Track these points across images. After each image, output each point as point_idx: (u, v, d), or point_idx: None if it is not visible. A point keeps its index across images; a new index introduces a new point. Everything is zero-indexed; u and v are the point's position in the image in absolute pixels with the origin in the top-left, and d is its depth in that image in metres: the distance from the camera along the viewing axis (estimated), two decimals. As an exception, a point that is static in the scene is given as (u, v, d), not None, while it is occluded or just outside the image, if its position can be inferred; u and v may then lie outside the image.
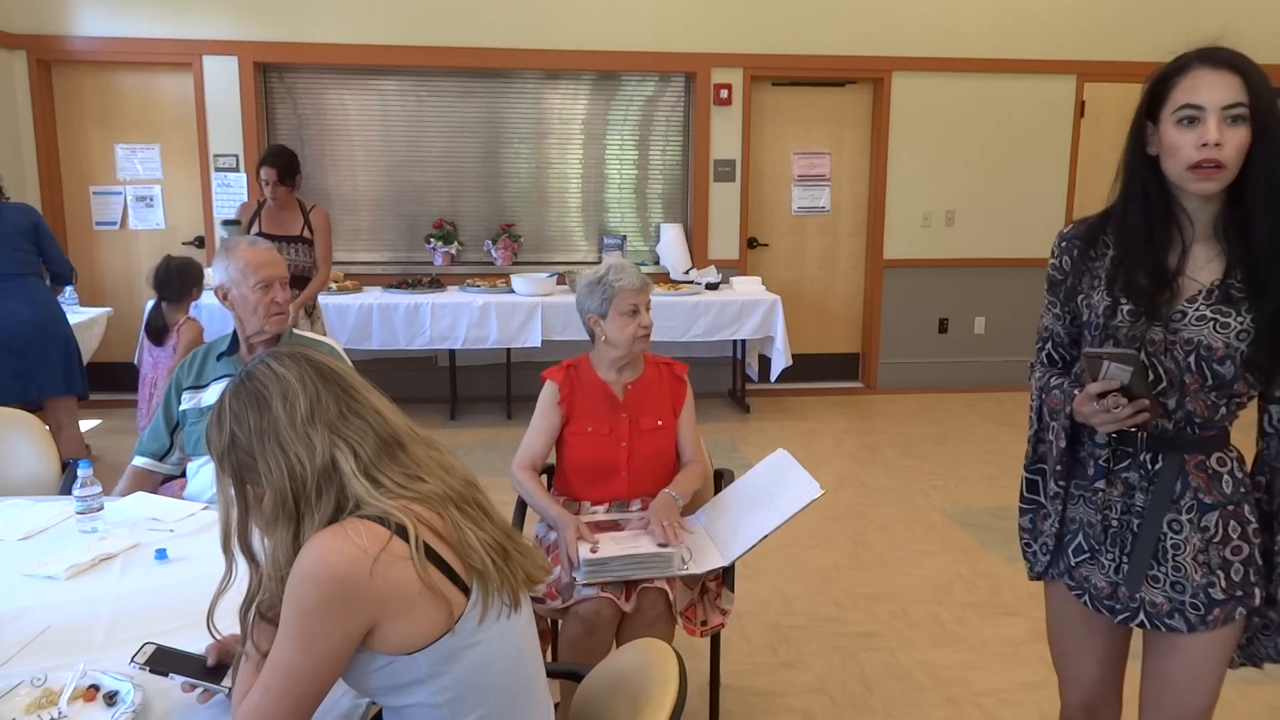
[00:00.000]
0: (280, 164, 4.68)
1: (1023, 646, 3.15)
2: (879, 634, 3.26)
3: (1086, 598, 1.70)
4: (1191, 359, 1.55)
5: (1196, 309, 1.55)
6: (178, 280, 4.06)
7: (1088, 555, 1.69)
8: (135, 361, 4.49)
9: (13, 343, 4.05)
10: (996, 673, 2.99)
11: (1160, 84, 1.55)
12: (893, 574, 3.75)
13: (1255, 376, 1.55)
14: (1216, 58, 1.49)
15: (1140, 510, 1.62)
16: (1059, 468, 1.70)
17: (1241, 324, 1.52)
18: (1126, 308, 1.58)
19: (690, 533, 2.46)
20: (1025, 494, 1.79)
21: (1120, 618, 1.67)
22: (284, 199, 4.75)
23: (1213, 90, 1.48)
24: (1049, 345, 1.75)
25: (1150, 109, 1.56)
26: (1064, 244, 1.69)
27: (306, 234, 4.81)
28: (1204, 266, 1.57)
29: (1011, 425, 5.92)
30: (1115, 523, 1.65)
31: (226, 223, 4.69)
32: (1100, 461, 1.66)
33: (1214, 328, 1.53)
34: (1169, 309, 1.56)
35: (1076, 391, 1.61)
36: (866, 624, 3.33)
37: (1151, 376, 1.56)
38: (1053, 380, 1.70)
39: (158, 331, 4.03)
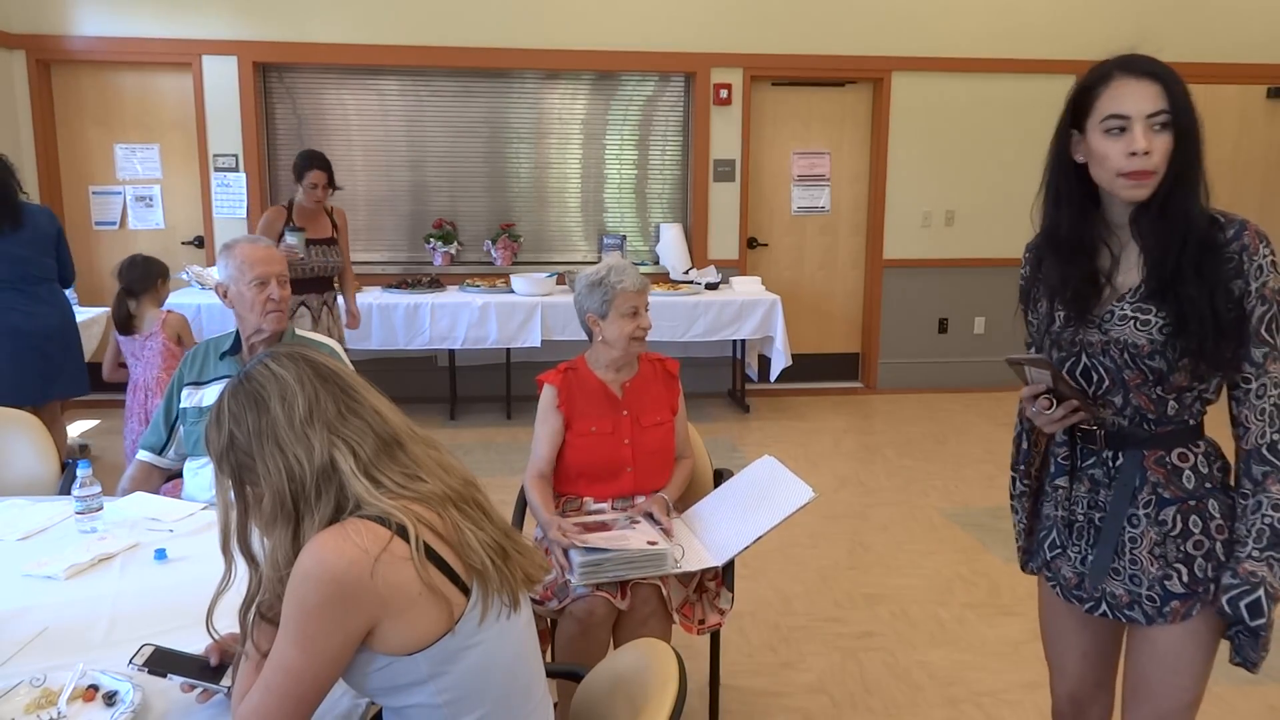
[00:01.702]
0: (329, 169, 4.76)
1: (1022, 646, 3.15)
2: (879, 634, 3.26)
3: (1058, 588, 1.77)
4: (1126, 356, 1.59)
5: (1121, 308, 1.59)
6: (142, 271, 4.07)
7: (1060, 550, 1.76)
8: (104, 375, 4.29)
9: (44, 345, 4.18)
10: (996, 673, 2.99)
11: (1084, 94, 1.59)
12: (892, 574, 3.75)
13: (1193, 369, 1.57)
14: (1136, 66, 1.54)
15: (1104, 504, 1.67)
16: (1021, 467, 1.83)
17: (1163, 319, 1.55)
18: (1061, 314, 1.65)
19: (686, 530, 2.47)
20: (1011, 492, 1.88)
21: (1086, 607, 1.72)
22: (320, 202, 4.79)
23: (1136, 99, 1.52)
24: (1031, 351, 1.79)
25: (1075, 118, 1.61)
26: (1027, 254, 1.76)
27: (335, 235, 4.86)
28: (1133, 267, 1.61)
29: (1011, 425, 5.91)
30: (1081, 517, 1.70)
31: (292, 229, 4.68)
32: (1060, 459, 1.73)
33: (1135, 326, 1.57)
34: (1100, 311, 1.61)
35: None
36: (866, 624, 3.33)
37: (1092, 379, 1.65)
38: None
39: (123, 322, 4.06)
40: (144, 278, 4.07)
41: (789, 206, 6.73)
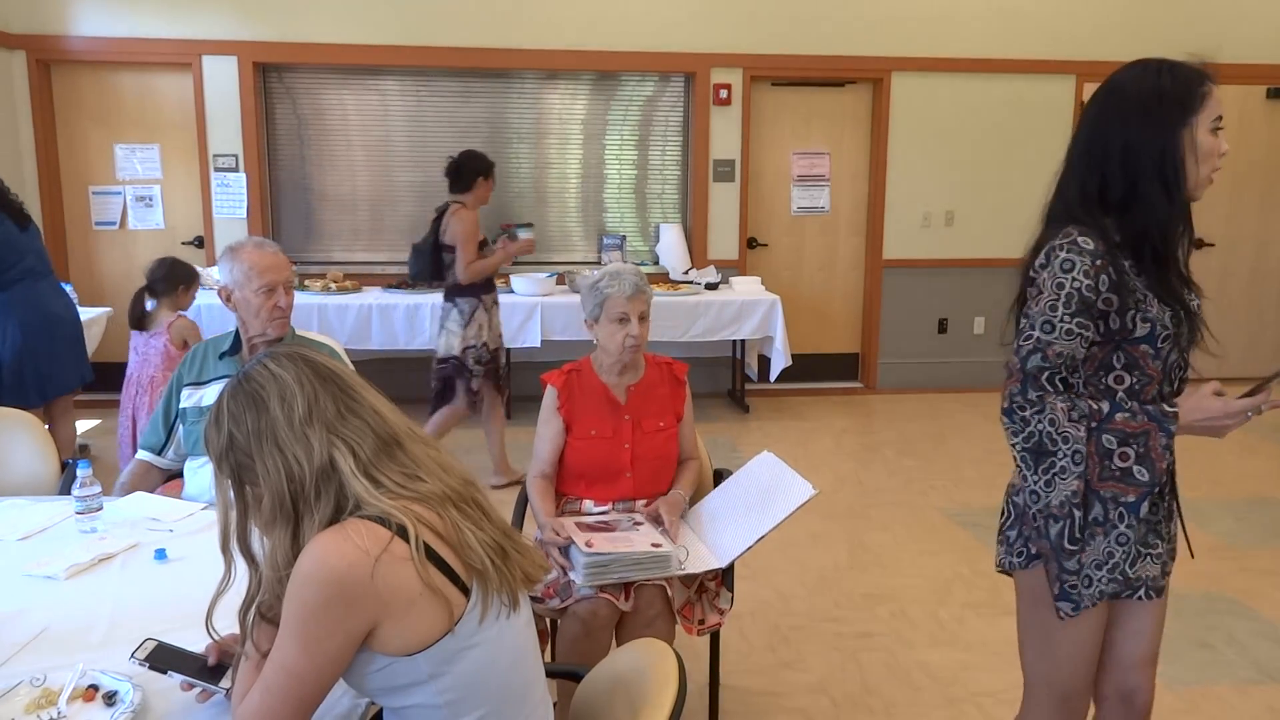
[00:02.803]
0: None
1: (1022, 646, 3.15)
2: (878, 634, 3.26)
3: (1143, 591, 1.75)
4: (1194, 346, 1.71)
5: (1193, 300, 1.69)
6: (165, 273, 4.11)
7: (1134, 557, 1.72)
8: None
9: (75, 331, 4.38)
10: (996, 673, 2.99)
11: (1196, 92, 1.62)
12: (892, 574, 3.75)
13: None
14: (1215, 78, 1.66)
15: (1168, 490, 1.76)
16: (1158, 489, 1.66)
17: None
18: (1183, 312, 1.66)
19: (689, 531, 2.47)
20: (1075, 535, 1.64)
21: (1159, 596, 1.78)
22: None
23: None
24: (1062, 370, 1.63)
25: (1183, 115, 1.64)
26: (1098, 261, 1.61)
27: None
28: None
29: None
30: (1163, 510, 1.77)
31: (521, 224, 4.66)
32: (1168, 464, 1.69)
33: (1200, 315, 1.71)
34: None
35: (1166, 407, 1.61)
36: (866, 624, 3.33)
37: (1183, 369, 1.74)
38: (1102, 406, 1.62)
39: (136, 318, 4.11)
40: (165, 279, 4.13)
41: (789, 207, 6.73)
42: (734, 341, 6.32)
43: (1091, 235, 1.63)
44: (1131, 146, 1.62)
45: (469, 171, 4.53)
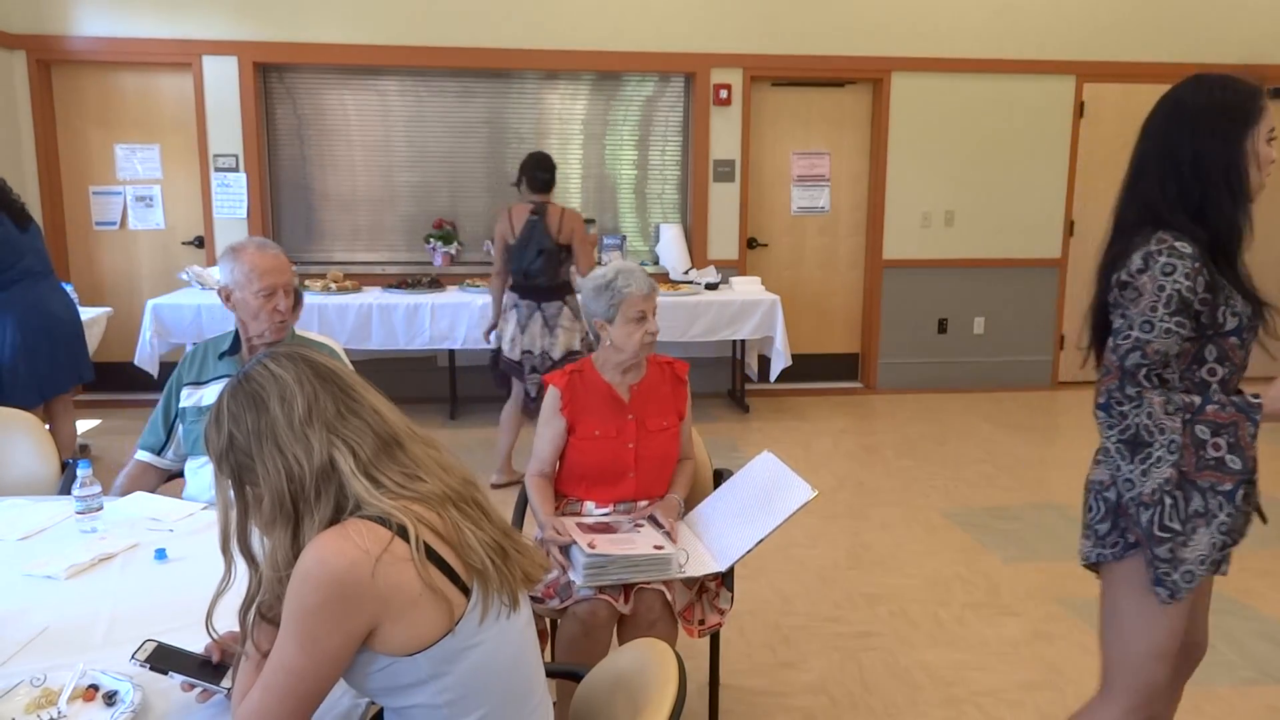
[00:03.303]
0: None
1: (1022, 646, 3.15)
2: (878, 634, 3.26)
3: (1206, 567, 1.81)
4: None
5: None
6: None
7: (1228, 538, 1.80)
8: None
9: (75, 331, 4.42)
10: (996, 673, 2.99)
11: (1255, 106, 1.74)
12: (892, 574, 3.75)
13: None
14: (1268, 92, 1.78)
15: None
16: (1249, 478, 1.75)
17: None
18: (1260, 304, 1.77)
19: (689, 534, 2.47)
20: (1165, 524, 1.73)
21: (1219, 570, 1.87)
22: None
23: None
24: (1157, 366, 1.72)
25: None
26: (1196, 264, 1.72)
27: None
28: None
29: (1011, 426, 5.92)
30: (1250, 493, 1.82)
31: (586, 222, 4.78)
32: (1254, 453, 1.77)
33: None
34: None
35: (1251, 398, 1.71)
36: (866, 624, 3.33)
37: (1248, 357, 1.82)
38: (1194, 399, 1.70)
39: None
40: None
41: (789, 207, 6.73)
42: (734, 341, 6.32)
43: (1185, 239, 1.73)
44: (1201, 157, 1.74)
45: (554, 172, 4.70)
